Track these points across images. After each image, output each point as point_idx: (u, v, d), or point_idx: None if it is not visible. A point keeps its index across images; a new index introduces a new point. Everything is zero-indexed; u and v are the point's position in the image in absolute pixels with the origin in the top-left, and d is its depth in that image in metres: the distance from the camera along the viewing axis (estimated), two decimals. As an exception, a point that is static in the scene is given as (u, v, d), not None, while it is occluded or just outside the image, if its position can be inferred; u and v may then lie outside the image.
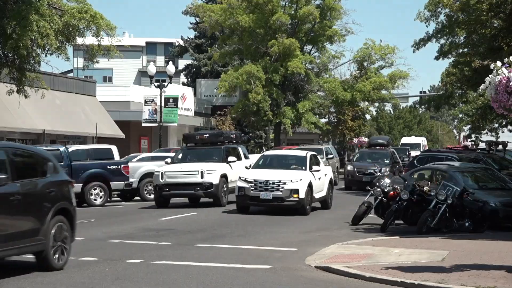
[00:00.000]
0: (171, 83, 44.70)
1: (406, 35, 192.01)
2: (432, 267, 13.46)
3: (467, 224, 19.45)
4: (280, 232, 19.87)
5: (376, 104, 71.39)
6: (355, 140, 75.70)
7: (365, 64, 62.67)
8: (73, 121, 43.20)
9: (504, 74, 12.55)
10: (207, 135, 29.87)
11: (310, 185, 24.58)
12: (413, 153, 64.55)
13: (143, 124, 47.81)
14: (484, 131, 56.30)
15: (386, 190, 20.94)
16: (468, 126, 57.15)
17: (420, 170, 24.33)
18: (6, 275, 12.53)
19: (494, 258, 14.56)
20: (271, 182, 24.14)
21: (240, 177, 24.90)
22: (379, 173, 22.84)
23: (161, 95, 42.98)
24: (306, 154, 26.18)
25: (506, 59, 12.86)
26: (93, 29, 31.55)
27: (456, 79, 42.30)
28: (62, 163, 28.05)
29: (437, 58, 40.43)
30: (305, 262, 14.54)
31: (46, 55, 31.75)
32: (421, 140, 76.17)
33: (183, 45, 69.62)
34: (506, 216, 20.53)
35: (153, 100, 47.03)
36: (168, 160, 28.73)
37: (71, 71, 63.03)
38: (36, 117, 39.68)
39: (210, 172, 27.06)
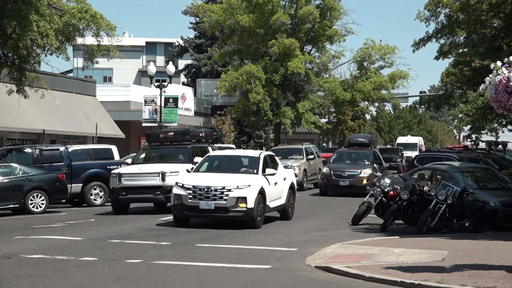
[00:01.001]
0: (171, 83, 44.69)
1: (406, 35, 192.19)
2: (432, 267, 13.46)
3: (467, 224, 19.45)
4: (280, 232, 19.87)
5: (376, 104, 71.39)
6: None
7: (365, 64, 62.69)
8: (73, 121, 43.20)
9: (504, 74, 12.55)
10: (172, 133, 27.06)
11: (262, 192, 20.59)
12: (410, 153, 64.51)
13: (143, 124, 47.79)
14: (484, 131, 56.26)
15: (386, 190, 20.93)
16: (468, 126, 57.09)
17: (420, 170, 24.33)
18: None
19: (494, 258, 14.56)
20: (213, 188, 20.01)
21: (177, 183, 20.68)
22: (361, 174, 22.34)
23: (161, 95, 42.97)
24: (260, 155, 22.07)
25: (506, 59, 12.86)
26: (93, 29, 31.57)
27: (456, 79, 42.31)
28: (62, 163, 28.08)
29: (437, 58, 40.47)
30: (305, 262, 14.54)
31: (46, 55, 31.80)
32: (418, 140, 75.16)
33: (183, 45, 69.65)
34: (506, 216, 20.54)
35: (153, 100, 47.03)
36: (129, 160, 26.67)
37: (71, 71, 63.04)
38: (36, 117, 39.69)
39: (173, 174, 23.83)
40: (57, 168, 27.70)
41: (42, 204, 25.37)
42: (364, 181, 32.85)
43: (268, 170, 21.57)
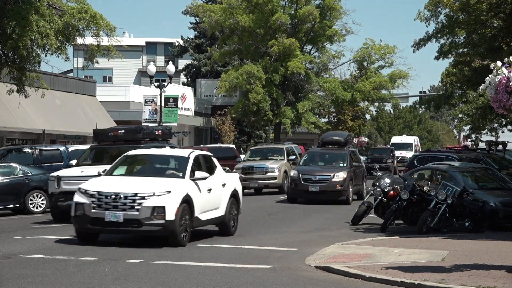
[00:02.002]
0: (171, 83, 44.71)
1: (406, 35, 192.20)
2: (432, 267, 13.46)
3: (467, 224, 19.45)
4: (280, 232, 19.87)
5: (376, 104, 71.38)
6: (355, 140, 75.63)
7: (365, 64, 62.69)
8: (73, 121, 43.23)
9: (504, 74, 12.55)
10: (123, 130, 23.96)
11: (188, 201, 16.65)
12: (405, 153, 63.72)
13: (143, 124, 47.79)
14: (484, 131, 56.30)
15: (386, 190, 20.93)
16: (468, 126, 57.14)
17: (420, 170, 24.33)
18: (6, 275, 12.53)
19: (494, 258, 14.56)
20: (122, 195, 16.07)
21: (79, 189, 16.81)
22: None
23: (161, 95, 42.99)
24: (189, 155, 18.04)
25: (506, 59, 12.86)
26: (93, 29, 31.58)
27: (456, 79, 42.32)
28: (62, 163, 28.08)
29: (437, 58, 40.48)
30: (305, 262, 14.54)
31: (46, 55, 31.82)
32: (413, 140, 72.09)
33: (183, 45, 69.68)
34: (506, 216, 20.55)
35: (153, 100, 47.06)
36: (73, 162, 23.84)
37: (71, 71, 63.09)
38: (36, 117, 39.70)
39: None
40: (57, 168, 27.69)
41: (42, 204, 25.36)
42: (338, 186, 29.05)
43: (199, 174, 17.54)
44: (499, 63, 12.76)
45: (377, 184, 21.36)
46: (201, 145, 50.36)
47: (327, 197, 28.90)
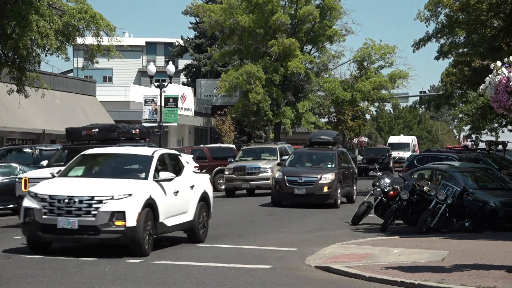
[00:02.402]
0: (171, 83, 44.70)
1: (406, 35, 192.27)
2: (432, 267, 13.46)
3: (467, 224, 19.46)
4: (280, 232, 19.87)
5: (376, 104, 71.37)
6: (355, 140, 75.57)
7: (365, 64, 62.69)
8: (73, 121, 43.19)
9: (504, 74, 12.55)
10: (97, 129, 22.45)
11: (151, 205, 15.13)
12: (402, 154, 61.16)
13: (143, 124, 47.80)
14: (484, 131, 56.33)
15: (386, 190, 20.93)
16: (468, 126, 57.17)
17: (420, 170, 24.33)
18: (6, 275, 12.52)
19: (494, 258, 14.57)
20: (77, 199, 14.55)
21: (29, 192, 15.35)
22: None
23: (161, 95, 42.98)
24: (153, 153, 16.45)
25: (506, 59, 12.86)
26: (93, 29, 31.57)
27: (456, 79, 42.33)
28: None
29: (437, 58, 40.47)
30: (305, 262, 14.54)
31: (46, 55, 31.81)
32: (411, 139, 71.21)
33: (183, 45, 69.66)
34: (506, 216, 20.55)
35: (153, 100, 47.05)
36: (44, 163, 22.74)
37: (71, 71, 63.10)
38: (36, 117, 39.70)
39: None
40: (57, 168, 27.68)
41: (42, 204, 25.33)
42: (325, 189, 27.35)
43: (164, 174, 15.96)
44: (499, 63, 12.77)
45: (377, 184, 21.36)
46: (201, 145, 50.37)
47: (313, 200, 27.31)
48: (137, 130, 22.53)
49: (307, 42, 59.85)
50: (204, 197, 17.58)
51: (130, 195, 14.72)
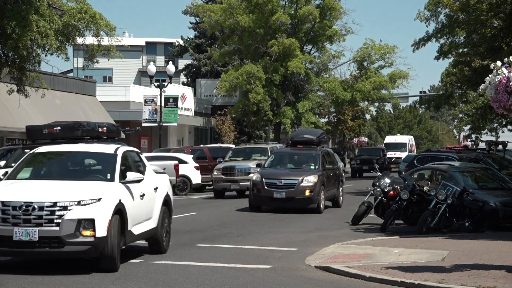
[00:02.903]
0: (171, 83, 44.73)
1: (406, 35, 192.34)
2: (432, 267, 13.46)
3: (467, 224, 19.46)
4: (280, 232, 19.87)
5: (376, 104, 71.39)
6: (355, 140, 75.56)
7: (365, 64, 62.71)
8: (73, 121, 43.21)
9: (504, 74, 12.55)
10: (59, 127, 20.26)
11: (121, 211, 13.15)
12: (399, 154, 59.50)
13: (143, 124, 47.82)
14: (484, 131, 56.28)
15: (386, 190, 20.94)
16: (468, 126, 57.15)
17: (420, 170, 24.34)
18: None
19: (494, 258, 14.56)
20: (36, 206, 12.44)
21: None
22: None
23: (161, 95, 42.99)
24: (116, 151, 14.50)
25: (506, 59, 12.86)
26: (93, 29, 31.56)
27: (456, 79, 42.32)
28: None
29: (437, 58, 40.46)
30: (305, 262, 14.54)
31: (46, 55, 31.79)
32: (408, 139, 69.07)
33: (183, 45, 69.68)
34: (506, 216, 20.55)
35: (153, 100, 47.06)
36: (1, 163, 21.57)
37: (71, 71, 63.13)
38: (36, 117, 39.68)
39: None
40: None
41: (42, 204, 25.29)
42: (307, 192, 25.12)
43: (131, 175, 13.93)
44: (499, 63, 12.77)
45: (377, 184, 21.38)
46: (201, 145, 50.38)
47: (294, 205, 25.15)
48: (104, 128, 20.27)
49: (307, 42, 59.87)
50: (166, 201, 15.58)
51: (99, 199, 12.69)
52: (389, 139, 69.24)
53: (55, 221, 12.42)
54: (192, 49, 68.12)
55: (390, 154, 60.85)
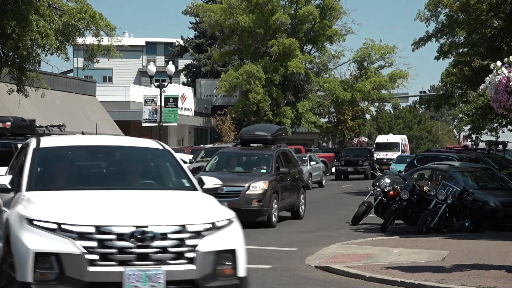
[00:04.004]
0: (171, 83, 44.70)
1: (406, 35, 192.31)
2: (432, 267, 13.46)
3: (467, 224, 19.46)
4: (280, 232, 19.86)
5: (376, 104, 71.38)
6: (355, 140, 75.50)
7: (365, 64, 62.76)
8: (73, 121, 43.21)
9: (504, 74, 12.55)
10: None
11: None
12: (391, 154, 54.51)
13: (143, 124, 47.82)
14: (484, 131, 56.28)
15: (386, 190, 20.95)
16: (468, 126, 57.16)
17: (420, 170, 24.34)
18: None
19: (494, 258, 14.56)
20: (156, 231, 7.91)
21: (32, 222, 8.02)
22: None
23: (161, 95, 42.99)
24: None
25: (506, 59, 12.86)
26: (93, 29, 31.57)
27: (456, 79, 42.33)
28: None
29: (437, 58, 40.48)
30: (305, 262, 14.54)
31: (46, 55, 31.80)
32: (401, 139, 63.12)
33: (183, 45, 69.71)
34: (506, 216, 20.55)
35: (153, 100, 47.07)
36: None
37: (71, 71, 63.13)
38: (36, 117, 39.63)
39: None
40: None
41: (42, 204, 25.26)
42: (255, 202, 20.39)
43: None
44: (499, 63, 12.76)
45: (377, 184, 21.38)
46: (201, 145, 50.38)
47: (239, 218, 16.64)
48: (8, 123, 17.02)
49: (307, 42, 59.91)
50: None
51: (231, 221, 8.69)
52: (380, 138, 63.48)
53: (187, 255, 8.03)
54: (192, 49, 68.14)
55: (381, 154, 55.45)
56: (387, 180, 21.23)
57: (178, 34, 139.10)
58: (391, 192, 20.77)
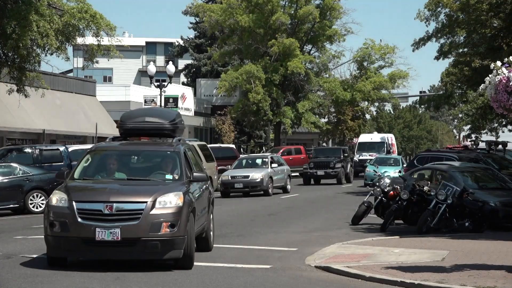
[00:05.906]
0: (171, 83, 44.72)
1: (406, 35, 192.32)
2: (432, 267, 13.45)
3: (467, 224, 19.45)
4: (280, 232, 19.86)
5: (376, 104, 71.36)
6: (355, 140, 75.53)
7: (365, 64, 62.78)
8: (73, 121, 43.24)
9: (504, 74, 12.54)
10: None
11: None
12: (376, 155, 48.64)
13: (143, 124, 47.75)
14: (484, 131, 56.37)
15: (386, 190, 20.94)
16: (468, 126, 57.22)
17: (420, 170, 24.32)
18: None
19: (494, 258, 14.56)
20: None
21: None
22: None
23: (161, 95, 43.00)
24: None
25: (506, 59, 12.85)
26: (93, 29, 31.59)
27: (456, 79, 42.37)
28: (62, 163, 28.06)
29: (437, 58, 40.50)
30: (305, 262, 14.54)
31: (46, 55, 31.85)
32: (386, 138, 56.96)
33: (183, 45, 69.70)
34: (506, 216, 20.53)
35: (153, 100, 47.08)
36: None
37: (71, 71, 63.14)
38: (36, 117, 39.70)
39: None
40: (57, 168, 27.64)
41: (42, 204, 25.33)
42: (165, 228, 12.87)
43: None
44: (499, 63, 12.76)
45: (377, 184, 21.38)
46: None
47: (137, 255, 13.04)
48: None
49: (307, 42, 59.91)
50: None
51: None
52: (363, 138, 57.33)
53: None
54: (192, 49, 68.13)
55: (364, 155, 51.11)
56: (387, 180, 21.24)
57: (178, 34, 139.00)
58: (391, 192, 20.77)
